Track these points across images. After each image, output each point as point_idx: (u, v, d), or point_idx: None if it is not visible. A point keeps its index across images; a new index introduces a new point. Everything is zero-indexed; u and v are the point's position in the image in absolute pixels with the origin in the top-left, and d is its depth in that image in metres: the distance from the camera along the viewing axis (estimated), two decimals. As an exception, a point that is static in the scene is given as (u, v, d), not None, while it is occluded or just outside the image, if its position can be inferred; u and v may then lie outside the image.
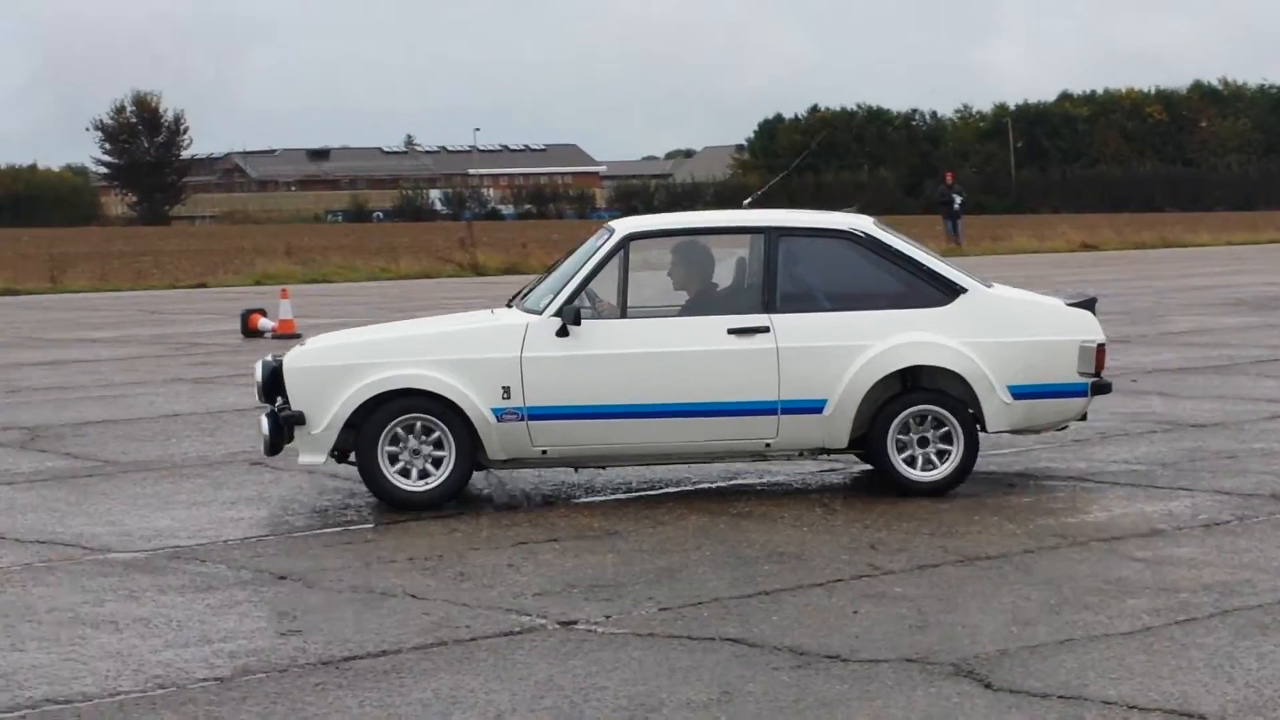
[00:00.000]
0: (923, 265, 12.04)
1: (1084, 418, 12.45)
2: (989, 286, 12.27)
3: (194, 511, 11.81)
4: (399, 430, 11.66)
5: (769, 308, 11.85)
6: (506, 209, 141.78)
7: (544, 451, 11.80)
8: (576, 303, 11.78)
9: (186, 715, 7.11)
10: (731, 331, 11.80)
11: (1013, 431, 12.24)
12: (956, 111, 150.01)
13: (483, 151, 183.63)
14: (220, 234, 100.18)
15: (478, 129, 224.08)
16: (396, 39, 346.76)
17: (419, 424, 11.67)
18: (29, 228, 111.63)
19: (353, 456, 11.79)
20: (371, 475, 11.71)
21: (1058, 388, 12.00)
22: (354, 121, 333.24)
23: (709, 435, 11.81)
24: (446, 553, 10.39)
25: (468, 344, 11.85)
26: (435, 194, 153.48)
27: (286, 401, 11.80)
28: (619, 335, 11.82)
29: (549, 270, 12.68)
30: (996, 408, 11.84)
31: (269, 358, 12.10)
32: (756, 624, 8.51)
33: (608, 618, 8.69)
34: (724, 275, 12.37)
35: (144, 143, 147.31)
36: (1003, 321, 11.98)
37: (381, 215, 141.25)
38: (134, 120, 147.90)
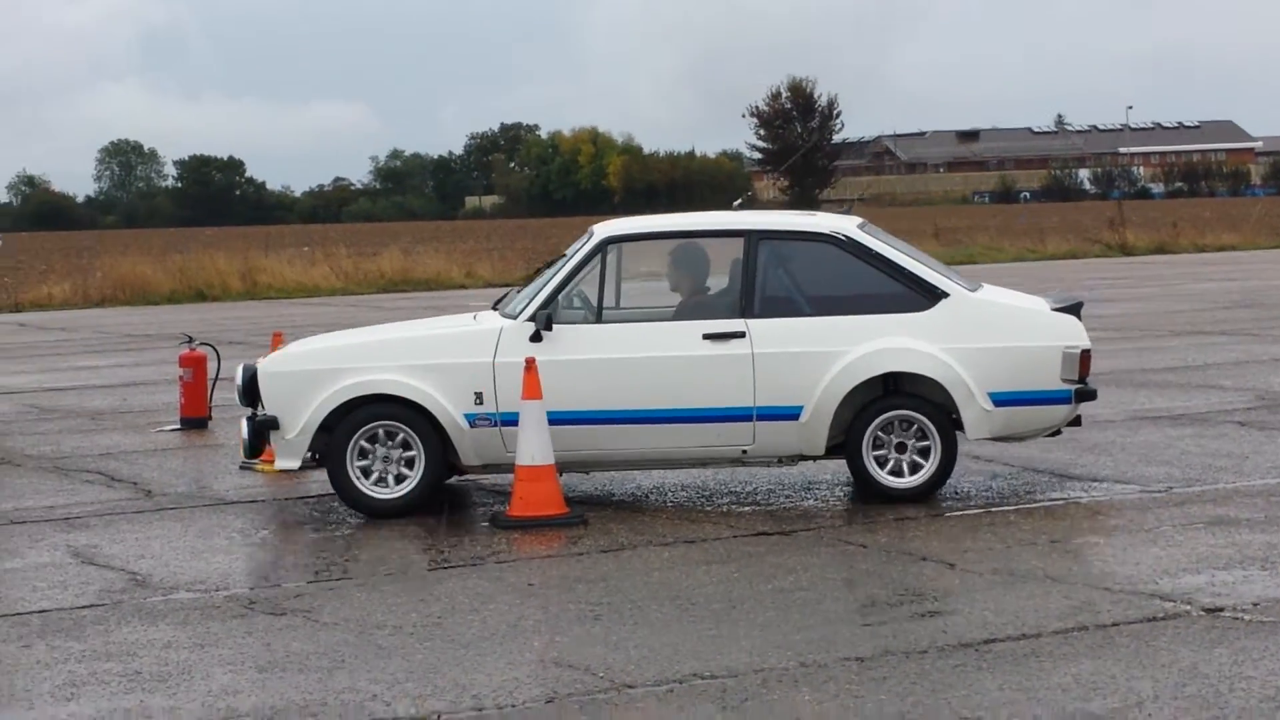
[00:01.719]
0: (904, 269, 11.65)
1: (1078, 422, 11.92)
2: (975, 290, 11.79)
3: (847, 490, 11.99)
4: (371, 435, 11.49)
5: (746, 312, 11.57)
6: (1156, 187, 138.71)
7: None
8: (551, 307, 11.52)
9: (826, 694, 7.23)
10: (707, 337, 11.52)
11: (995, 439, 11.73)
12: None
13: (1134, 130, 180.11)
14: (869, 217, 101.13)
15: (1130, 107, 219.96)
16: (1047, 19, 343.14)
17: (389, 430, 11.47)
18: (686, 212, 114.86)
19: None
20: (339, 481, 11.53)
21: (1040, 395, 11.52)
22: (1004, 102, 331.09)
23: (684, 442, 11.51)
24: (1087, 535, 10.26)
25: (440, 348, 11.64)
26: (1084, 173, 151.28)
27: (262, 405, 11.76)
28: (592, 340, 11.55)
29: (535, 273, 12.39)
30: (977, 415, 11.43)
31: (250, 362, 12.04)
32: None
33: (1255, 605, 8.45)
34: (719, 279, 11.96)
35: (797, 128, 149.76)
36: (983, 327, 11.55)
37: (1028, 196, 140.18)
38: (788, 106, 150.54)
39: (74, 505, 12.32)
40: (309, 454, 11.64)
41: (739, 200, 12.69)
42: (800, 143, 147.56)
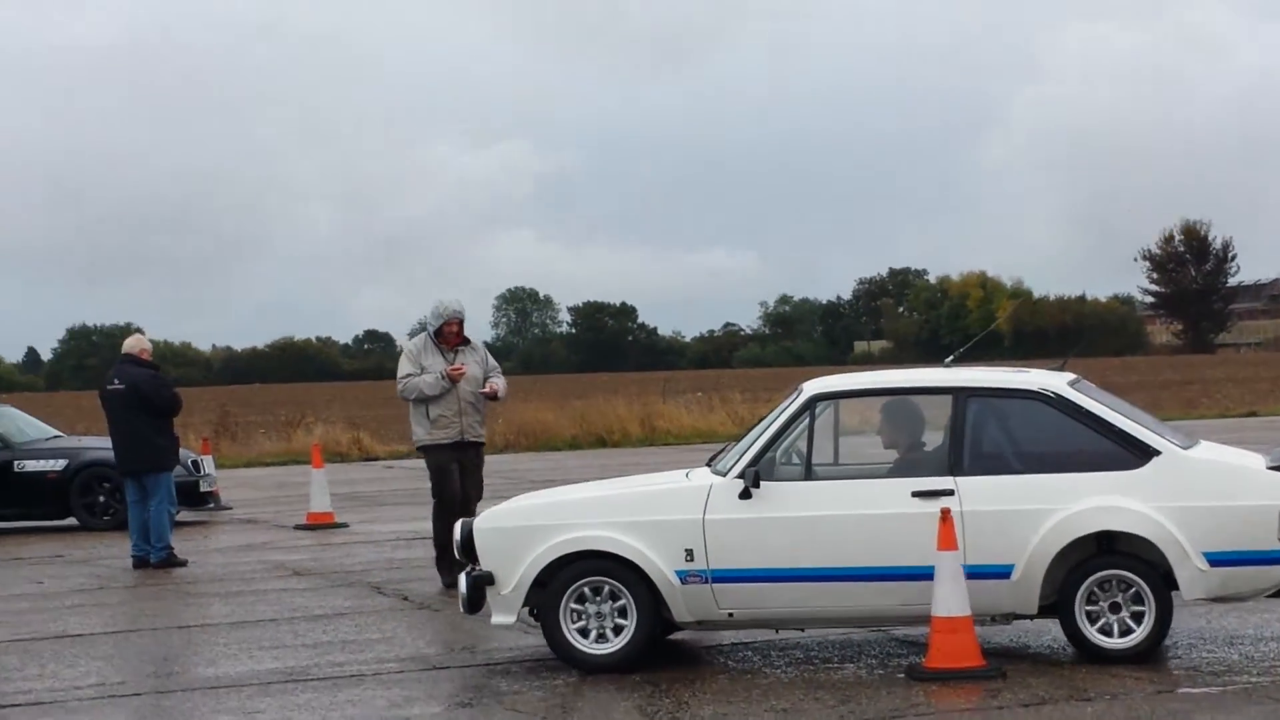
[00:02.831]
0: (1114, 427, 11.38)
1: None
2: (1189, 447, 11.39)
3: (1274, 644, 11.65)
4: (584, 591, 11.62)
5: (955, 469, 11.46)
6: None
7: (730, 614, 11.53)
8: (760, 464, 11.51)
9: None
10: (916, 494, 11.29)
11: (1211, 600, 11.24)
12: None
13: None
14: (1269, 361, 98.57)
15: None
16: None
17: (603, 586, 11.59)
18: (1077, 358, 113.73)
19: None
20: (553, 637, 11.67)
21: (1257, 555, 11.06)
22: None
23: (896, 600, 11.36)
24: None
25: (651, 506, 11.73)
26: None
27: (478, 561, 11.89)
28: (801, 497, 11.49)
29: (749, 429, 12.25)
30: (1191, 574, 11.01)
31: (468, 518, 12.21)
32: None
33: None
34: (934, 435, 11.72)
35: (1190, 271, 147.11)
36: (1197, 485, 11.15)
37: None
38: (1181, 249, 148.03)
39: (493, 650, 12.61)
40: (526, 609, 11.85)
41: (950, 358, 12.58)
42: (1194, 286, 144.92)
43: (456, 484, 16.17)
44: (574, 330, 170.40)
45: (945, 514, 10.95)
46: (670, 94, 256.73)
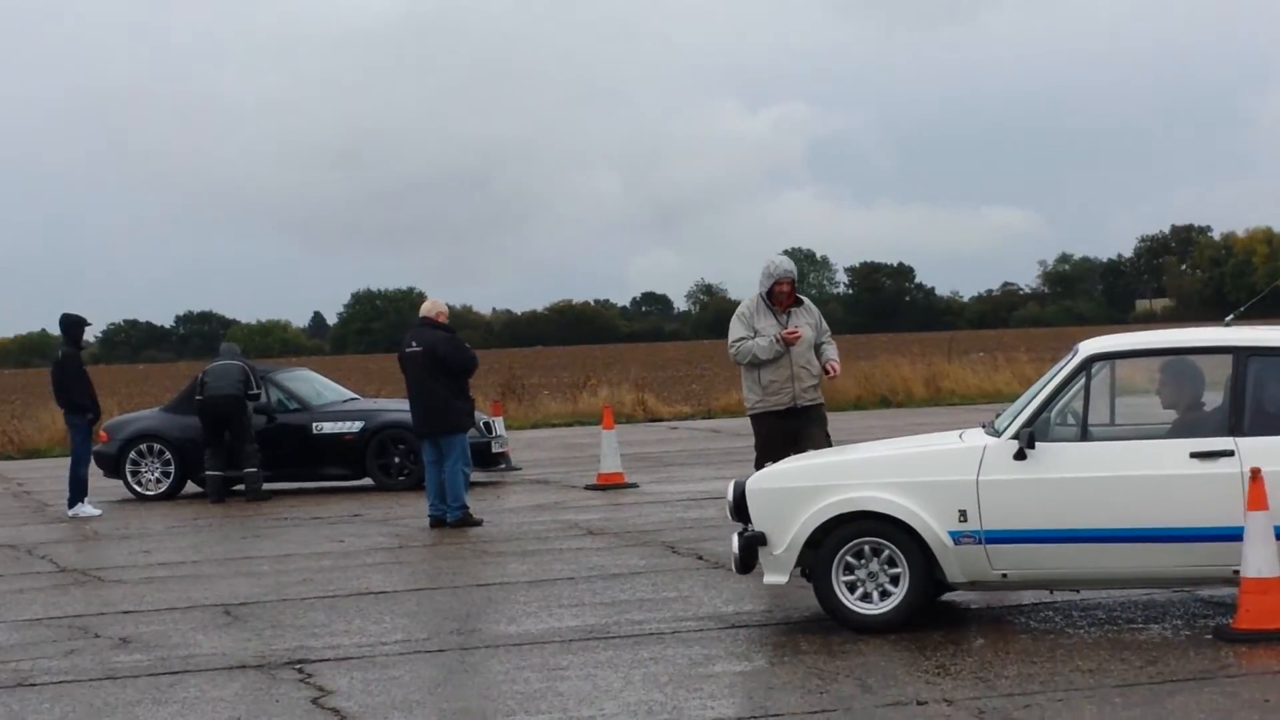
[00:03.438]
0: None
1: None
2: None
3: None
4: (857, 552, 11.65)
5: (1236, 430, 11.19)
6: None
7: (1004, 575, 11.51)
8: (1034, 426, 11.41)
9: None
10: (1194, 455, 11.14)
11: None
12: None
13: None
14: None
15: None
16: None
17: (874, 547, 11.59)
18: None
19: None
20: (825, 596, 11.71)
21: None
22: None
23: (1170, 561, 11.24)
24: None
25: (924, 467, 11.71)
26: None
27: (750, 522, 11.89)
28: (1076, 458, 11.37)
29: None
30: None
31: (740, 479, 12.21)
32: None
33: None
34: (1214, 395, 11.32)
35: None
36: None
37: None
38: None
39: (791, 609, 12.66)
40: (798, 569, 11.89)
41: (1231, 316, 12.20)
42: None
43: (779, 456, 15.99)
44: (851, 291, 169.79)
45: (1256, 474, 10.74)
46: (947, 50, 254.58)
